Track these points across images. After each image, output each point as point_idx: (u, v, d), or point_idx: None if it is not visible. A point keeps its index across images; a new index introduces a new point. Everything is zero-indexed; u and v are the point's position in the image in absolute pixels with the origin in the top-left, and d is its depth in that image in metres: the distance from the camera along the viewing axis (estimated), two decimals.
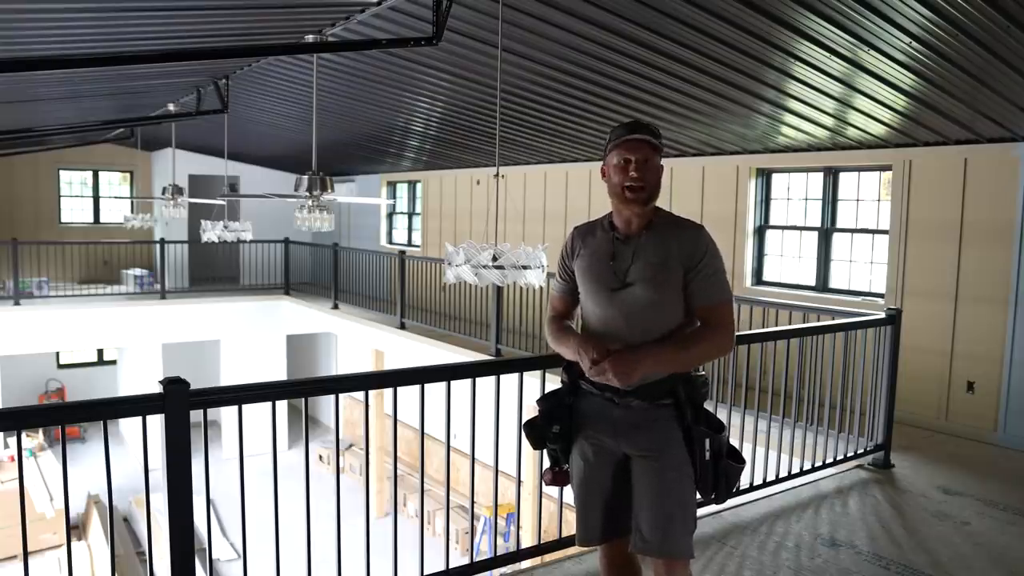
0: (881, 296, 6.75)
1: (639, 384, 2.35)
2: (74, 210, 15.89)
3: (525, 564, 3.52)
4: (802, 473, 4.50)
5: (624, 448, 2.42)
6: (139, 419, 2.53)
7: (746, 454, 3.62)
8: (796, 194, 7.67)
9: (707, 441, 2.37)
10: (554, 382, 3.41)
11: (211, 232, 9.51)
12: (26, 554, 2.35)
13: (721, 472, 2.41)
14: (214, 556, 10.46)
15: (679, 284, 2.35)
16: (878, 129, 6.17)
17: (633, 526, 2.39)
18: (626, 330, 2.36)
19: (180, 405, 2.43)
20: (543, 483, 2.66)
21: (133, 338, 13.21)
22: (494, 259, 4.03)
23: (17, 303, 11.68)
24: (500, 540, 9.24)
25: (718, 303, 2.36)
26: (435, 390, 3.05)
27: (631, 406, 2.37)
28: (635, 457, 2.40)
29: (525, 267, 4.02)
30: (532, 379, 3.40)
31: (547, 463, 2.63)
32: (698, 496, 2.44)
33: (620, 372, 2.27)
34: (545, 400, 2.58)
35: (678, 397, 2.36)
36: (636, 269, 2.36)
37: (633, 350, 2.31)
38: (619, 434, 2.40)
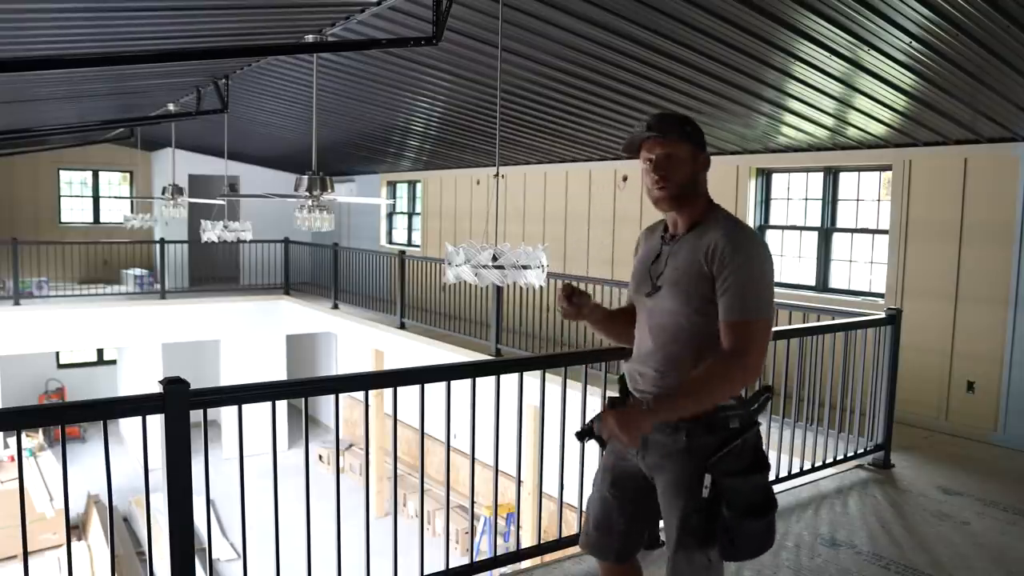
0: (881, 296, 6.75)
1: (655, 397, 2.18)
2: (74, 210, 15.89)
3: (525, 564, 3.52)
4: (802, 473, 4.49)
5: (642, 466, 2.24)
6: (139, 419, 2.53)
7: None
8: (796, 194, 7.67)
9: (707, 478, 2.07)
10: (554, 382, 3.44)
11: (211, 232, 9.51)
12: (26, 554, 2.35)
13: (725, 524, 2.05)
14: (214, 556, 10.46)
15: (709, 294, 2.08)
16: (878, 129, 6.17)
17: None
18: (649, 338, 2.21)
19: (180, 405, 2.42)
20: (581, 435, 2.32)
21: (133, 338, 13.22)
22: (494, 259, 4.02)
23: (17, 303, 11.68)
24: (500, 540, 9.24)
25: (736, 320, 2.04)
26: (435, 390, 3.05)
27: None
28: (652, 477, 2.24)
29: (525, 267, 4.02)
30: (532, 379, 3.40)
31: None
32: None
33: (624, 428, 2.01)
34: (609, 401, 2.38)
35: (695, 419, 2.09)
36: (667, 274, 2.17)
37: (633, 409, 2.10)
38: (639, 450, 2.22)
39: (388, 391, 3.16)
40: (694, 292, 2.10)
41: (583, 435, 2.25)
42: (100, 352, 16.49)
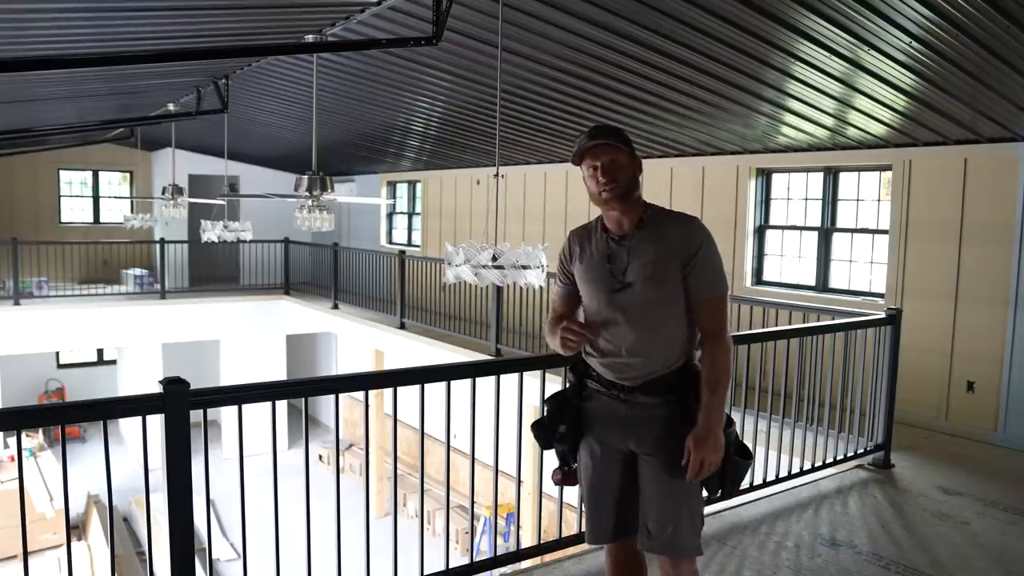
0: (881, 296, 6.75)
1: (644, 380, 2.36)
2: (74, 210, 15.89)
3: (525, 564, 3.52)
4: (802, 473, 4.49)
5: (631, 446, 2.42)
6: (139, 419, 2.53)
7: None
8: (796, 194, 7.67)
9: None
10: (554, 382, 3.43)
11: (211, 232, 9.51)
12: (26, 554, 2.35)
13: (728, 469, 2.38)
14: (214, 556, 10.47)
15: (678, 279, 2.34)
16: (878, 129, 6.16)
17: (640, 523, 2.40)
18: (630, 331, 2.36)
19: (180, 405, 2.43)
20: (554, 482, 2.66)
21: (133, 338, 13.22)
22: (494, 259, 4.02)
23: (17, 303, 11.67)
24: (500, 540, 9.24)
25: (709, 297, 2.35)
26: (435, 390, 3.05)
27: (638, 402, 2.38)
28: (641, 455, 2.40)
29: (525, 267, 4.02)
30: (532, 379, 3.40)
31: (556, 462, 2.62)
32: (704, 493, 2.44)
33: (712, 452, 2.27)
34: (552, 400, 2.58)
35: (683, 390, 2.35)
36: (634, 268, 2.35)
37: (699, 431, 2.28)
38: (626, 432, 2.40)
39: (388, 391, 3.16)
40: (668, 281, 2.34)
41: (547, 440, 2.55)
42: (100, 352, 16.49)
